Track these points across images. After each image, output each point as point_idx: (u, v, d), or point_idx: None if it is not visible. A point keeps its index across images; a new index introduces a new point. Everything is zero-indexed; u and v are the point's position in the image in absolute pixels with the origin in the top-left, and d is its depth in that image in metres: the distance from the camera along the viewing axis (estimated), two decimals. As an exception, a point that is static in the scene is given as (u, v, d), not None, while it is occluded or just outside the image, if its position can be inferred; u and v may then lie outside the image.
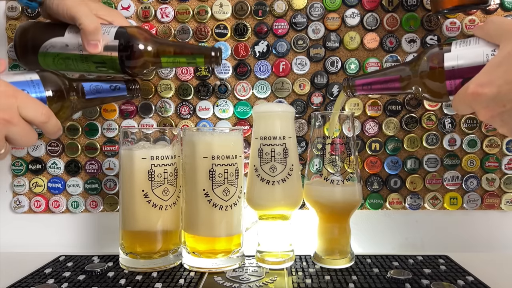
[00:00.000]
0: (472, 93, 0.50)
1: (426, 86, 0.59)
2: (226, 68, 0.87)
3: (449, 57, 0.55)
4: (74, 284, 0.65)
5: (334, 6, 0.86)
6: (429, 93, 0.59)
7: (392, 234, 0.88)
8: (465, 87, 0.52)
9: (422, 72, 0.59)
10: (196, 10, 0.87)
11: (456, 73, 0.55)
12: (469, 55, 0.54)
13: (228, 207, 0.69)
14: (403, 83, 0.62)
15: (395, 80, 0.63)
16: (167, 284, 0.64)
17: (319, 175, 0.72)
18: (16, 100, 0.54)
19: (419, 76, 0.60)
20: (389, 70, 0.65)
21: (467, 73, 0.53)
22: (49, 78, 0.63)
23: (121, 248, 0.72)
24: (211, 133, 0.71)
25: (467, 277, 0.66)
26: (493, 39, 0.52)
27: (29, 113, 0.56)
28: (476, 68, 0.52)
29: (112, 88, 0.71)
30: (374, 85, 0.66)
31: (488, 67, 0.50)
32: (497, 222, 0.87)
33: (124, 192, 0.72)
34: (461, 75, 0.55)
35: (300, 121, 0.87)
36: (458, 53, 0.55)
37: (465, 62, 0.54)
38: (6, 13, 0.89)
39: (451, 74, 0.55)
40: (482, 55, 0.53)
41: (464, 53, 0.55)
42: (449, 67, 0.55)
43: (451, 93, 0.56)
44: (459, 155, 0.87)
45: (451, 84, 0.56)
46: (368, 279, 0.65)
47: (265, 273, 0.69)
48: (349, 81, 0.68)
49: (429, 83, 0.58)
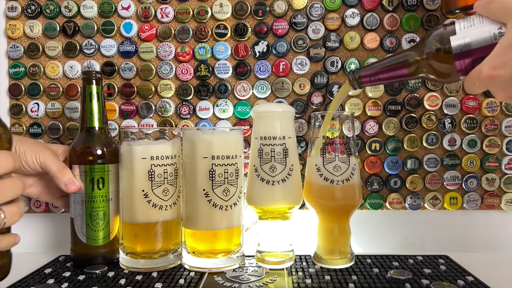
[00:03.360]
0: (487, 76, 0.50)
1: (435, 68, 0.58)
2: (226, 68, 0.87)
3: (456, 39, 0.55)
4: (74, 284, 0.64)
5: (334, 6, 0.86)
6: (438, 75, 0.59)
7: (392, 234, 0.88)
8: (478, 69, 0.52)
9: (429, 54, 0.58)
10: (196, 10, 0.87)
11: (465, 54, 0.55)
12: (476, 35, 0.54)
13: (228, 207, 0.69)
14: (411, 69, 0.61)
15: (402, 66, 0.62)
16: (167, 284, 0.64)
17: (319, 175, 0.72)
18: None
19: (426, 59, 0.59)
20: (394, 58, 0.64)
21: (477, 53, 0.54)
22: None
23: (121, 248, 0.72)
24: (211, 133, 0.71)
25: (467, 277, 0.66)
26: (497, 17, 0.52)
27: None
28: (485, 48, 0.53)
29: None
30: (381, 75, 0.65)
31: (499, 48, 0.50)
32: (497, 222, 0.88)
33: (124, 192, 0.72)
34: (470, 55, 0.55)
35: (300, 121, 0.87)
36: (464, 34, 0.55)
37: (473, 43, 0.54)
38: (6, 13, 0.89)
39: (460, 56, 0.55)
40: (490, 34, 0.53)
41: (471, 34, 0.55)
42: (457, 49, 0.55)
43: (461, 72, 0.57)
44: (459, 155, 0.87)
45: (460, 64, 0.56)
46: (368, 279, 0.65)
47: (265, 273, 0.68)
48: (355, 74, 0.67)
49: (438, 65, 0.58)
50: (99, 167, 0.72)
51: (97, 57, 0.89)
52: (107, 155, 0.73)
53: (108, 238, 0.73)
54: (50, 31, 0.88)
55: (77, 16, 0.89)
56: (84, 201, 0.71)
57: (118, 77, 0.89)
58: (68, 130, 0.89)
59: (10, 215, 0.51)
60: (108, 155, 0.73)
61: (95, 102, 0.73)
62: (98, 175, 0.71)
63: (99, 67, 0.89)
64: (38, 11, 0.88)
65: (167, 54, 0.87)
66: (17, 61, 0.89)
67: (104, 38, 0.88)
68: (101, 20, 0.89)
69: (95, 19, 0.89)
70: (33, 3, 0.88)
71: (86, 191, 0.71)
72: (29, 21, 0.88)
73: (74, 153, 0.72)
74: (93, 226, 0.72)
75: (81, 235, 0.72)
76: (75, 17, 0.89)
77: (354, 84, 0.67)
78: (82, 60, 0.89)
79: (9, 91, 0.89)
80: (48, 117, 0.89)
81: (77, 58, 0.89)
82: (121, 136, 0.72)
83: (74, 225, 0.72)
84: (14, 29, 0.88)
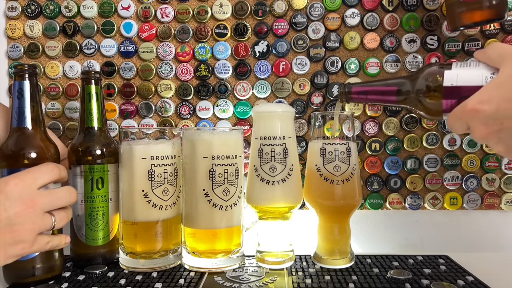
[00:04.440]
0: (471, 109, 0.51)
1: (422, 103, 0.59)
2: (226, 68, 0.87)
3: (449, 75, 0.56)
4: (74, 285, 0.64)
5: (334, 6, 0.86)
6: (424, 110, 0.60)
7: (392, 234, 0.88)
8: (463, 104, 0.53)
9: (419, 88, 0.59)
10: (196, 10, 0.87)
11: (454, 91, 0.56)
12: (469, 75, 0.55)
13: (228, 207, 0.69)
14: (400, 97, 0.62)
15: (392, 92, 0.63)
16: (167, 284, 0.64)
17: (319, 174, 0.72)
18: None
19: (416, 91, 0.60)
20: (388, 82, 0.65)
21: (465, 92, 0.54)
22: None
23: (121, 248, 0.72)
24: (211, 133, 0.71)
25: (467, 277, 0.66)
26: (493, 62, 0.54)
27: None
28: (474, 88, 0.53)
29: None
30: (370, 95, 0.66)
31: (488, 86, 0.52)
32: (497, 222, 0.88)
33: (124, 191, 0.72)
34: (458, 94, 0.55)
35: (300, 121, 0.87)
36: (458, 72, 0.56)
37: (464, 82, 0.55)
38: (6, 13, 0.89)
39: (449, 92, 0.56)
40: (482, 77, 0.54)
41: (464, 73, 0.56)
42: (448, 84, 0.56)
43: (446, 112, 0.57)
44: (459, 155, 0.87)
45: (447, 103, 0.56)
46: (368, 279, 0.65)
47: (265, 273, 0.68)
48: (346, 87, 0.67)
49: (426, 100, 0.59)
50: (98, 167, 0.72)
51: (97, 57, 0.89)
52: (106, 155, 0.73)
53: (108, 238, 0.73)
54: (50, 31, 0.88)
55: (77, 16, 0.89)
56: (83, 201, 0.71)
57: (118, 77, 0.89)
58: (68, 130, 0.89)
59: (59, 219, 0.60)
60: (107, 155, 0.73)
61: (94, 102, 0.73)
62: (98, 175, 0.71)
63: (99, 67, 0.89)
64: (38, 11, 0.88)
65: (167, 54, 0.87)
66: (17, 61, 0.89)
67: (104, 38, 0.88)
68: (101, 20, 0.89)
69: (95, 19, 0.89)
70: (33, 3, 0.88)
71: (86, 191, 0.71)
72: (29, 21, 0.88)
73: (74, 153, 0.72)
74: (93, 226, 0.72)
75: (80, 235, 0.72)
76: (75, 17, 0.89)
77: (342, 98, 0.68)
78: (82, 60, 0.89)
79: (9, 91, 0.89)
80: (48, 117, 0.89)
81: (77, 58, 0.89)
82: (121, 136, 0.72)
83: (74, 225, 0.72)
84: (14, 29, 0.88)
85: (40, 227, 0.57)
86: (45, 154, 0.64)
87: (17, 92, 0.64)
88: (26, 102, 0.64)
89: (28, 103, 0.64)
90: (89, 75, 0.73)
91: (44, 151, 0.64)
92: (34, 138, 0.64)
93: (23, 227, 0.55)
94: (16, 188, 0.55)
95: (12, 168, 0.62)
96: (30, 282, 0.64)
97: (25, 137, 0.64)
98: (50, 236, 0.61)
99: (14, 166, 0.62)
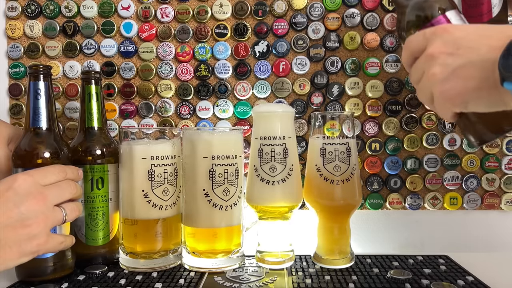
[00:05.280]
0: (443, 28, 0.50)
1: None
2: (226, 68, 0.87)
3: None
4: (74, 285, 0.64)
5: (334, 6, 0.86)
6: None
7: (392, 234, 0.88)
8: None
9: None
10: (196, 10, 0.87)
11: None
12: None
13: (228, 207, 0.69)
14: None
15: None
16: (167, 284, 0.64)
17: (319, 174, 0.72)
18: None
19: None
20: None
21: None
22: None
23: (121, 248, 0.72)
24: (211, 133, 0.71)
25: (467, 277, 0.66)
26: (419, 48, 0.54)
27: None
28: None
29: None
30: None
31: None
32: (497, 222, 0.87)
33: (124, 191, 0.72)
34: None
35: (300, 121, 0.87)
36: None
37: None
38: (6, 13, 0.89)
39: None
40: None
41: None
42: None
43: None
44: (459, 155, 0.87)
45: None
46: (368, 279, 0.65)
47: (265, 273, 0.68)
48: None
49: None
50: (98, 167, 0.72)
51: (97, 57, 0.89)
52: (106, 155, 0.73)
53: (108, 238, 0.73)
54: (50, 31, 0.88)
55: (77, 16, 0.89)
56: (83, 201, 0.71)
57: (118, 77, 0.89)
58: (68, 130, 0.89)
59: (70, 211, 0.60)
60: (107, 155, 0.73)
61: (94, 102, 0.73)
62: (98, 175, 0.71)
63: (99, 67, 0.89)
64: (38, 11, 0.88)
65: (167, 54, 0.87)
66: (17, 61, 0.89)
67: (104, 38, 0.88)
68: (101, 20, 0.89)
69: (95, 19, 0.89)
70: (33, 3, 0.88)
71: (86, 191, 0.71)
72: (29, 21, 0.88)
73: (74, 153, 0.72)
74: (93, 226, 0.72)
75: (80, 235, 0.72)
76: (75, 17, 0.89)
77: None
78: (82, 60, 0.89)
79: (9, 91, 0.89)
80: (48, 117, 0.89)
81: (77, 58, 0.89)
82: (121, 136, 0.72)
83: (74, 225, 0.72)
84: (14, 29, 0.88)
85: (53, 221, 0.57)
86: (58, 154, 0.65)
87: (35, 92, 0.65)
88: (42, 102, 0.65)
89: (44, 103, 0.65)
90: (89, 75, 0.73)
91: (58, 151, 0.65)
92: (48, 138, 0.66)
93: (36, 221, 0.54)
94: (24, 183, 0.55)
95: (26, 168, 0.62)
96: (44, 280, 0.64)
97: (40, 136, 0.65)
98: (64, 236, 0.61)
99: (28, 165, 0.63)
